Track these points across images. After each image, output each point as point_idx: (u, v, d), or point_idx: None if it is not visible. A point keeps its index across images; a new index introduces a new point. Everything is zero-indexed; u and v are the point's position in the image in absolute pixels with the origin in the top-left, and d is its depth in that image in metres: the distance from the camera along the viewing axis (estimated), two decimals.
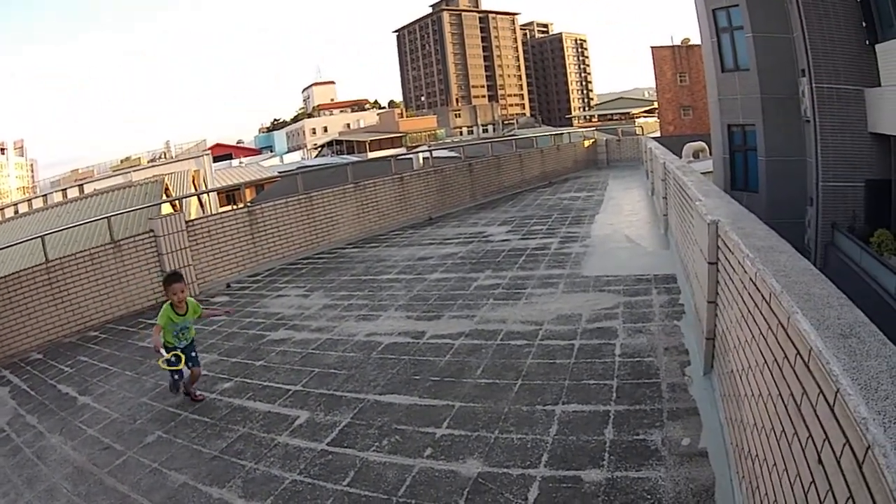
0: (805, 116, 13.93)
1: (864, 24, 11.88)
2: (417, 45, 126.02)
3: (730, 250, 3.62)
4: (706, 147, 23.11)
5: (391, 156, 17.94)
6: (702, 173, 9.46)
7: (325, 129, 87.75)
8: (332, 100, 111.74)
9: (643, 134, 22.64)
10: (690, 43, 43.53)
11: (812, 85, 12.53)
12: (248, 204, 10.54)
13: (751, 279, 3.06)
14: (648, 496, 3.14)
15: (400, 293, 7.61)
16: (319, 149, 75.13)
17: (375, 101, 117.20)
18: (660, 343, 5.11)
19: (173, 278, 5.12)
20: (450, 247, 10.22)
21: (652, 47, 45.82)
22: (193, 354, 5.15)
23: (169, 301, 5.01)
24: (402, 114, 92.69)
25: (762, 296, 2.84)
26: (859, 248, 11.22)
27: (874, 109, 11.87)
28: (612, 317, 5.87)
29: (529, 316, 6.14)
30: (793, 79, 14.61)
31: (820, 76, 12.39)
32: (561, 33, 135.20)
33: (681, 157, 17.89)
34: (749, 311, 3.08)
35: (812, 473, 2.01)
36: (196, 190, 24.63)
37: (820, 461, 1.87)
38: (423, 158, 18.10)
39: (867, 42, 11.91)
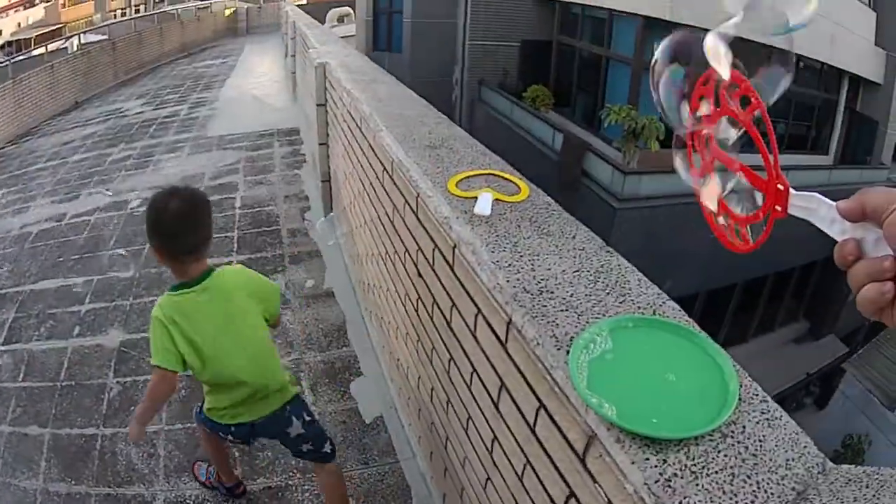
0: None
1: None
2: None
3: (334, 88, 3.58)
4: (351, 12, 23.06)
5: (46, 45, 16.43)
6: (343, 37, 9.58)
7: (1, 32, 70.09)
8: (9, 1, 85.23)
9: (285, 1, 21.82)
10: None
11: None
12: None
13: (348, 110, 3.06)
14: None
15: (46, 180, 7.50)
16: None
17: None
18: (280, 192, 5.48)
19: None
20: (90, 127, 10.12)
21: None
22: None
23: None
24: (64, 4, 77.42)
25: (356, 123, 2.85)
26: (511, 102, 12.75)
27: None
28: (234, 172, 6.18)
29: (157, 181, 6.17)
30: None
31: None
32: None
33: (325, 23, 17.63)
34: (349, 141, 3.11)
35: (413, 284, 2.10)
36: None
37: (420, 274, 1.93)
38: (77, 45, 16.89)
39: None
